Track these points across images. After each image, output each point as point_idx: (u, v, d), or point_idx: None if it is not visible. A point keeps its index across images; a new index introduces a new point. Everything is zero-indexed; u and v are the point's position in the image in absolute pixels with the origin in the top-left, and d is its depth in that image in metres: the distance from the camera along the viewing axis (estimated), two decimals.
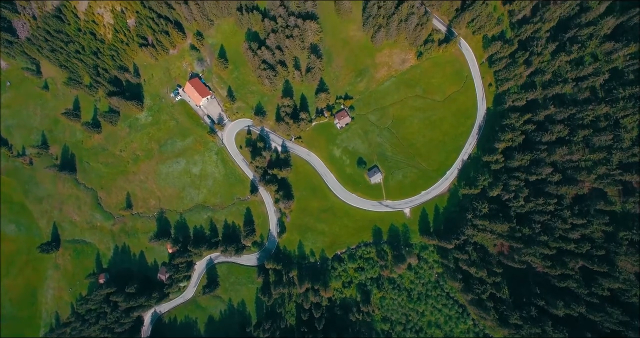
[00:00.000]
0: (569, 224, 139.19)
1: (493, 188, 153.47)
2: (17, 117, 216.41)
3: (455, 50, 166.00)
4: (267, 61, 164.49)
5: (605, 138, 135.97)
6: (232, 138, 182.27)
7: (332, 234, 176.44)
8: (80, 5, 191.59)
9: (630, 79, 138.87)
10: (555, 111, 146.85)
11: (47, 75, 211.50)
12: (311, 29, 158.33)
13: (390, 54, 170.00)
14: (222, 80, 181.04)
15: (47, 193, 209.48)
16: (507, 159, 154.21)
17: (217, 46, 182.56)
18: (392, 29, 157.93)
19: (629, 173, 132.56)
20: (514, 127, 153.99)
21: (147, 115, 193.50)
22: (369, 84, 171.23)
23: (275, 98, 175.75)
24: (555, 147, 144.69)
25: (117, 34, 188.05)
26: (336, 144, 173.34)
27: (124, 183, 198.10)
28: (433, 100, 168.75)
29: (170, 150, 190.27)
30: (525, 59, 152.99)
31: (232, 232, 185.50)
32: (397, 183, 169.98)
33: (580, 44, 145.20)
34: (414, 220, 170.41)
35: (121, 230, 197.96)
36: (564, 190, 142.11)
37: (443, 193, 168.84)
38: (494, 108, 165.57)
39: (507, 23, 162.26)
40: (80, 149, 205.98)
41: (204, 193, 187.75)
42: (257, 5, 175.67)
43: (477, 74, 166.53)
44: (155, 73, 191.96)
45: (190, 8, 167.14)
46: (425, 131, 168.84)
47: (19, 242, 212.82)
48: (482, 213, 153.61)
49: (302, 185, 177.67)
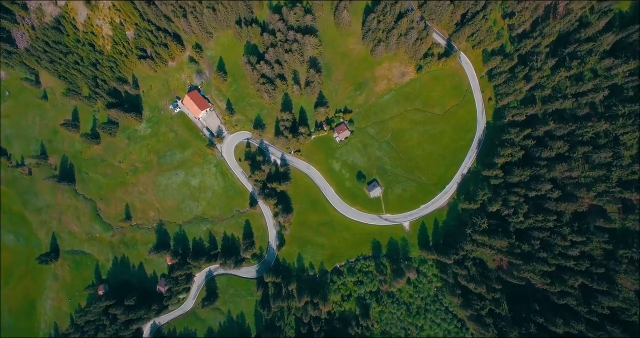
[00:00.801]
0: (568, 241, 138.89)
1: (492, 203, 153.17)
2: (16, 127, 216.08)
3: (455, 64, 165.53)
4: (266, 75, 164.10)
5: (604, 155, 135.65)
6: (231, 150, 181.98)
7: (331, 247, 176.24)
8: (79, 16, 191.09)
9: (629, 96, 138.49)
10: (554, 127, 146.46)
11: (46, 85, 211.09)
12: (310, 43, 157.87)
13: (390, 67, 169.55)
14: (221, 93, 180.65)
15: (46, 204, 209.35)
16: (506, 174, 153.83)
17: (216, 58, 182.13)
18: (391, 43, 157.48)
19: (629, 191, 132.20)
20: (514, 142, 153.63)
21: (146, 126, 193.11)
22: (368, 97, 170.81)
23: (274, 111, 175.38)
24: (554, 163, 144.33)
25: (115, 45, 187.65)
26: (335, 158, 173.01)
27: (123, 194, 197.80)
28: (433, 114, 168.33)
29: (169, 162, 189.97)
30: (525, 74, 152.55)
31: (232, 244, 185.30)
32: (397, 197, 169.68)
33: (580, 60, 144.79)
34: (413, 233, 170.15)
35: (120, 241, 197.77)
36: (564, 207, 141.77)
37: (442, 207, 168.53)
38: (493, 122, 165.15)
39: (506, 37, 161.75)
40: (79, 159, 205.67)
41: (203, 206, 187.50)
42: (256, 18, 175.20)
43: (476, 88, 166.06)
44: (154, 85, 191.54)
45: (189, 21, 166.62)
46: (424, 145, 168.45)
47: (18, 252, 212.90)
48: (482, 229, 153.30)
49: (302, 198, 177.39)
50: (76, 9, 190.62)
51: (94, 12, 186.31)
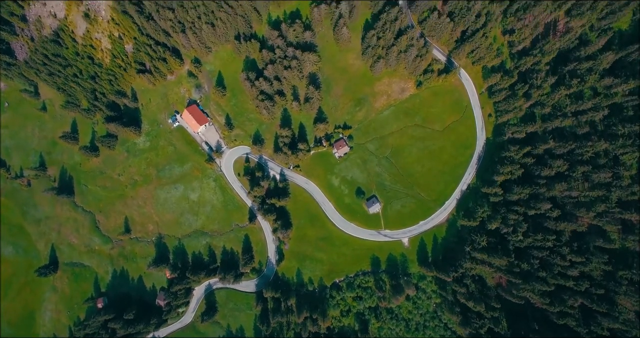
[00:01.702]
0: (567, 261, 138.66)
1: (492, 221, 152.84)
2: (15, 138, 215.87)
3: (455, 80, 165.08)
4: (265, 91, 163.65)
5: (604, 175, 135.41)
6: (230, 165, 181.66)
7: (331, 262, 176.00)
8: (78, 29, 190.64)
9: (629, 115, 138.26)
10: (554, 145, 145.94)
11: (45, 96, 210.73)
12: (310, 60, 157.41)
13: (390, 82, 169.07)
14: (220, 108, 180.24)
15: (45, 215, 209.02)
16: (506, 192, 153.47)
17: (215, 73, 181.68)
18: (391, 59, 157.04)
19: (629, 212, 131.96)
20: (513, 160, 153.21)
21: (145, 140, 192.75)
22: (367, 113, 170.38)
23: (273, 126, 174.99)
24: (554, 182, 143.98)
25: (114, 59, 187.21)
26: (335, 173, 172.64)
27: (122, 207, 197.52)
28: (432, 130, 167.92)
29: (168, 176, 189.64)
30: (524, 91, 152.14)
31: (231, 258, 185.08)
32: (396, 213, 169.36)
33: (580, 79, 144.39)
34: (413, 249, 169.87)
35: (119, 254, 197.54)
36: (563, 227, 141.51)
37: (441, 223, 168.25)
38: (493, 138, 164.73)
39: (506, 53, 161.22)
40: (78, 171, 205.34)
41: (203, 220, 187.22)
42: (255, 32, 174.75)
43: (476, 104, 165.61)
44: (153, 98, 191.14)
45: (187, 36, 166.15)
46: (424, 161, 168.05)
47: (17, 264, 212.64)
48: (481, 246, 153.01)
49: (301, 214, 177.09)
50: (75, 22, 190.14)
51: (93, 25, 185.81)
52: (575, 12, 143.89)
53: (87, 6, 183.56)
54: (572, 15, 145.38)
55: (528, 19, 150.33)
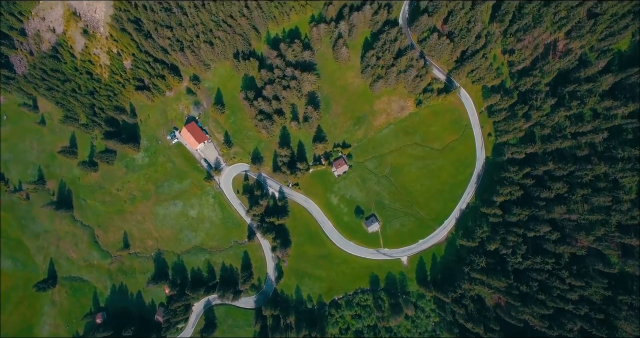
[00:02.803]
0: (567, 284, 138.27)
1: (491, 242, 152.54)
2: (13, 152, 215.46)
3: (454, 99, 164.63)
4: (264, 111, 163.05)
5: (604, 199, 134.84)
6: (229, 182, 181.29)
7: (330, 280, 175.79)
8: (76, 45, 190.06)
9: (629, 139, 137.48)
10: (554, 167, 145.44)
11: (44, 109, 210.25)
12: (309, 80, 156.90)
13: (389, 101, 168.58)
14: (218, 125, 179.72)
15: (44, 229, 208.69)
16: (505, 213, 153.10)
17: (213, 90, 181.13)
18: (390, 79, 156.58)
19: (628, 236, 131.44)
20: (513, 181, 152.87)
21: (143, 156, 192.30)
22: (367, 131, 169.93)
23: (272, 144, 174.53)
24: (553, 204, 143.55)
25: (113, 75, 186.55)
26: (334, 192, 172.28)
27: (121, 222, 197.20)
28: (432, 149, 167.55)
29: (167, 192, 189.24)
30: (524, 112, 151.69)
31: (230, 274, 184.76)
32: (395, 231, 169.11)
33: (580, 100, 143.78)
34: (411, 268, 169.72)
35: (118, 269, 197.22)
36: (562, 249, 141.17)
37: (440, 242, 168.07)
38: (493, 158, 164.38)
39: (506, 73, 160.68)
40: (77, 185, 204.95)
41: (202, 236, 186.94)
42: (254, 50, 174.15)
43: (476, 123, 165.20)
44: (151, 114, 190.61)
45: (186, 55, 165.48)
46: (423, 179, 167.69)
47: (15, 277, 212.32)
48: (480, 267, 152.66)
49: (300, 231, 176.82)
50: (74, 38, 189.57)
51: (92, 41, 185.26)
52: (575, 34, 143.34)
53: (86, 22, 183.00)
54: (572, 36, 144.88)
55: (528, 39, 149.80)
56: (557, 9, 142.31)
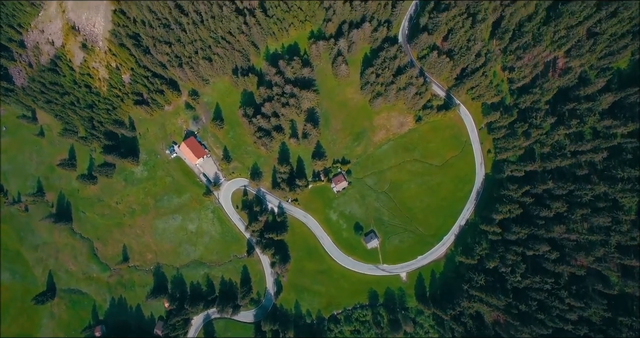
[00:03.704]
0: (566, 305, 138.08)
1: (490, 260, 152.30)
2: (12, 163, 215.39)
3: (454, 115, 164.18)
4: (263, 128, 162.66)
5: (603, 220, 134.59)
6: (228, 197, 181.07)
7: (329, 295, 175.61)
8: (75, 58, 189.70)
9: (629, 159, 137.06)
10: (553, 186, 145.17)
11: (43, 121, 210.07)
12: (308, 98, 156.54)
13: (389, 117, 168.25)
14: (217, 140, 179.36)
15: (43, 241, 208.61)
16: (504, 231, 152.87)
17: (212, 104, 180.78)
18: (390, 96, 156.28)
19: (628, 257, 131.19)
20: (512, 199, 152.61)
21: (142, 169, 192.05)
22: (366, 147, 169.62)
23: (271, 159, 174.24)
24: (553, 223, 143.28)
25: (112, 88, 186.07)
26: (333, 208, 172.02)
27: (120, 235, 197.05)
28: (431, 165, 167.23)
29: (166, 206, 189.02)
30: (524, 130, 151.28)
31: (229, 288, 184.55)
32: (394, 248, 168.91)
33: (579, 119, 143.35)
34: (410, 284, 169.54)
35: (118, 282, 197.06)
36: (562, 269, 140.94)
37: (440, 258, 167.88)
38: (492, 174, 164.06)
39: (506, 89, 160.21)
40: (76, 197, 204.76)
41: (201, 250, 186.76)
42: (253, 65, 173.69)
43: (475, 140, 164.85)
44: (150, 128, 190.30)
45: (184, 70, 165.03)
46: (422, 196, 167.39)
47: (14, 289, 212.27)
48: (479, 285, 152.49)
49: (299, 246, 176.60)
50: (72, 51, 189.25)
51: (90, 55, 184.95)
52: (575, 53, 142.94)
53: (85, 36, 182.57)
54: (571, 55, 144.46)
55: (527, 57, 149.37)
56: (557, 28, 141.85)
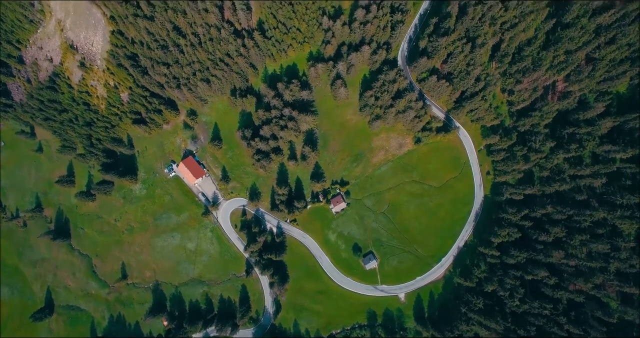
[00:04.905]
0: (565, 331, 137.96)
1: (489, 283, 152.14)
2: (11, 178, 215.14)
3: (453, 137, 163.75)
4: (262, 150, 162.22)
5: (602, 246, 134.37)
6: (227, 217, 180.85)
7: (327, 315, 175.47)
8: (73, 76, 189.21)
9: (628, 185, 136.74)
10: (552, 211, 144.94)
11: (42, 137, 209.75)
12: (306, 121, 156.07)
13: (388, 138, 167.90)
14: (216, 160, 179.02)
15: (42, 257, 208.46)
16: (503, 254, 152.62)
17: (211, 124, 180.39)
18: (389, 119, 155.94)
19: (627, 285, 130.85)
20: (511, 222, 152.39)
21: (141, 187, 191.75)
22: (365, 168, 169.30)
23: (270, 180, 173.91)
24: (552, 248, 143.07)
25: (110, 107, 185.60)
26: (331, 229, 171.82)
27: (119, 253, 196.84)
28: (430, 186, 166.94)
29: (165, 224, 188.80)
30: (523, 154, 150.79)
31: (228, 307, 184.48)
32: (393, 268, 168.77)
33: (579, 144, 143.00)
34: (409, 305, 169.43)
35: (116, 299, 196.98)
36: (560, 295, 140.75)
37: (438, 279, 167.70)
38: (491, 196, 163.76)
39: (505, 111, 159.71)
40: (75, 214, 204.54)
41: (200, 269, 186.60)
42: (251, 86, 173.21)
43: (475, 161, 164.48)
44: (149, 146, 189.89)
45: (182, 91, 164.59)
46: (421, 217, 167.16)
47: (12, 305, 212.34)
48: (477, 308, 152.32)
49: (298, 266, 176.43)
50: (71, 69, 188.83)
51: (89, 73, 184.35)
52: (574, 78, 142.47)
53: (83, 55, 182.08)
54: (571, 80, 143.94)
55: (527, 81, 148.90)
56: (556, 53, 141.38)
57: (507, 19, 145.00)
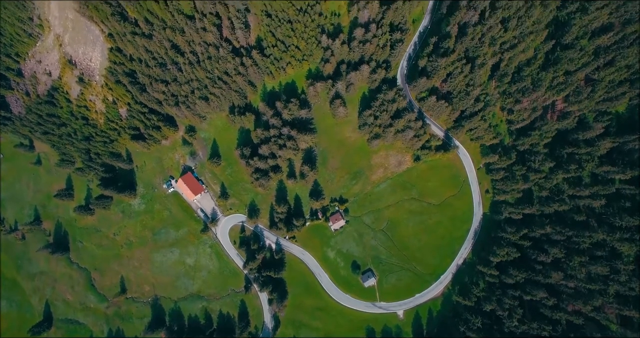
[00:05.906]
0: None
1: (487, 302, 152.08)
2: (9, 191, 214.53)
3: (452, 155, 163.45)
4: (260, 169, 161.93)
5: (601, 268, 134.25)
6: (226, 233, 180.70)
7: (326, 331, 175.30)
8: (72, 91, 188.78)
9: (627, 206, 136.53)
10: (551, 231, 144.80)
11: (40, 150, 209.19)
12: (305, 140, 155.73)
13: (387, 155, 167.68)
14: (215, 176, 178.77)
15: (40, 270, 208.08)
16: (502, 273, 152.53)
17: (209, 140, 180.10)
18: (388, 137, 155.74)
19: (627, 307, 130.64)
20: (510, 242, 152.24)
21: (140, 202, 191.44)
22: (364, 186, 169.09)
23: (269, 197, 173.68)
24: (551, 269, 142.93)
25: (109, 122, 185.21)
26: (330, 246, 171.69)
27: (118, 266, 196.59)
28: (429, 204, 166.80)
29: (164, 239, 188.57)
30: (522, 173, 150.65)
31: (227, 321, 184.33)
32: (391, 286, 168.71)
33: (578, 164, 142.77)
34: (408, 322, 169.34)
35: (115, 313, 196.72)
36: (560, 316, 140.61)
37: (437, 296, 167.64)
38: (490, 214, 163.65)
39: (505, 129, 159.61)
40: (74, 227, 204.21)
41: (199, 284, 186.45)
42: (250, 102, 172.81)
43: (474, 179, 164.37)
44: (147, 161, 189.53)
45: (181, 109, 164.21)
46: (420, 235, 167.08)
47: (10, 318, 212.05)
48: (476, 327, 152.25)
49: (297, 283, 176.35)
50: (69, 84, 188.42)
51: (87, 88, 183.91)
52: (574, 99, 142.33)
53: (81, 70, 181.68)
54: (570, 101, 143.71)
55: (526, 101, 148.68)
56: (556, 73, 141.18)
57: (507, 39, 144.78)
